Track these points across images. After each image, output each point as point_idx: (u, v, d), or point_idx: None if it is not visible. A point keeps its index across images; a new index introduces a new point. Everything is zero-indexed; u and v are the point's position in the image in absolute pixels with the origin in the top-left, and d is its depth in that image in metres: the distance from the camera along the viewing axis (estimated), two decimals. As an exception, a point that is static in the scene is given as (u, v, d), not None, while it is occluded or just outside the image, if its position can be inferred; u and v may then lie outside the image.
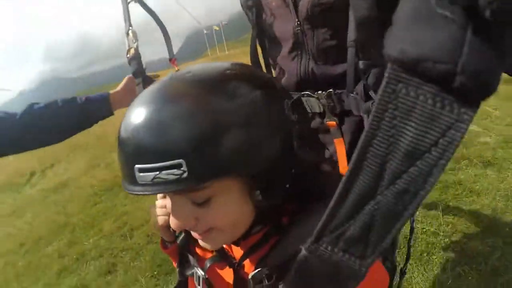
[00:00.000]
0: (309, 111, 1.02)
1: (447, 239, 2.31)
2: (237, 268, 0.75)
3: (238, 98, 0.56)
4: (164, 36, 1.44)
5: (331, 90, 0.96)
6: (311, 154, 1.00)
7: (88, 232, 4.43)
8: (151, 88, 0.59)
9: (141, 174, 0.54)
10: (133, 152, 0.55)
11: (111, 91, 1.47)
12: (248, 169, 0.57)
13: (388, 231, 0.32)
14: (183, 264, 0.89)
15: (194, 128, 0.52)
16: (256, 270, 0.66)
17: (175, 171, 0.52)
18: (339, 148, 1.02)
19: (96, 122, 1.51)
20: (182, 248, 0.89)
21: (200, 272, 0.79)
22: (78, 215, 5.03)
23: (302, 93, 1.01)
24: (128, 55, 1.33)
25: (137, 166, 0.54)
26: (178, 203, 0.62)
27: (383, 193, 0.30)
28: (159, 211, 0.88)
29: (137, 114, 0.55)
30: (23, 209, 6.58)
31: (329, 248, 0.36)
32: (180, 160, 0.51)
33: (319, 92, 0.98)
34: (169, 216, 0.70)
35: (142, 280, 3.15)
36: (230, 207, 0.62)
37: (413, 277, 2.08)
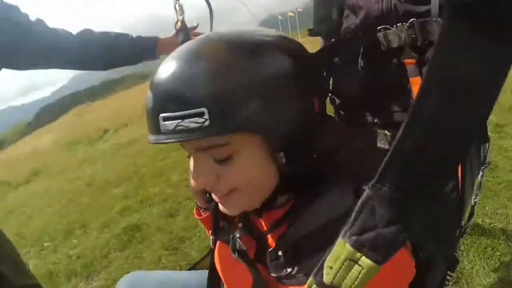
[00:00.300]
0: (384, 48, 0.92)
1: (514, 238, 2.21)
2: (261, 241, 0.75)
3: (266, 59, 0.58)
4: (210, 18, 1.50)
5: (414, 19, 0.88)
6: (340, 128, 0.94)
7: (155, 180, 4.43)
8: (185, 44, 0.62)
9: (165, 122, 0.56)
10: (159, 101, 0.57)
11: (161, 36, 1.56)
12: (268, 128, 0.58)
13: (453, 163, 0.37)
14: (217, 232, 0.88)
15: (219, 80, 0.54)
16: (272, 248, 0.67)
17: (197, 119, 0.53)
18: (416, 89, 0.87)
19: (140, 61, 1.60)
20: (216, 214, 0.86)
21: (235, 238, 0.77)
22: (147, 166, 5.10)
23: (378, 27, 0.92)
24: (176, 27, 1.41)
25: (161, 115, 0.56)
26: (200, 160, 0.63)
27: (445, 120, 0.35)
28: None
29: (167, 67, 0.58)
30: (94, 159, 6.84)
31: (392, 188, 0.37)
32: (203, 109, 0.53)
33: (399, 24, 0.90)
34: None
35: (201, 225, 2.93)
36: (252, 166, 0.62)
37: (474, 268, 2.00)
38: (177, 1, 1.32)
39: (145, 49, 1.54)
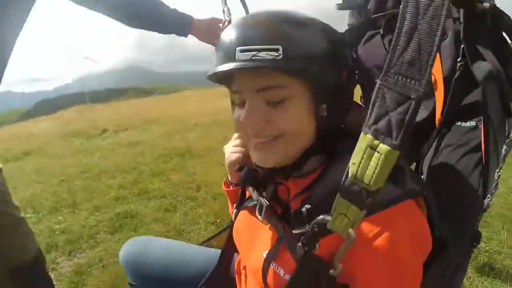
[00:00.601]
0: None
1: (508, 259, 2.42)
2: (286, 208, 0.80)
3: (315, 29, 0.72)
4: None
5: None
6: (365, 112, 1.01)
7: (154, 178, 4.27)
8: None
9: (241, 53, 0.67)
10: (237, 37, 0.69)
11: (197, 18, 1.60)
12: (319, 81, 0.71)
13: (430, 49, 0.47)
14: (242, 203, 0.97)
15: (291, 30, 0.68)
16: (295, 208, 0.72)
17: (272, 52, 0.65)
18: (438, 61, 0.98)
19: (170, 33, 1.63)
20: (245, 182, 0.91)
21: (264, 201, 0.82)
22: (147, 165, 4.84)
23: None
24: (223, 27, 1.52)
25: (238, 48, 0.67)
26: (255, 102, 0.72)
27: (420, 23, 0.47)
28: (233, 149, 1.02)
29: (243, 17, 0.74)
30: (91, 151, 6.54)
31: (396, 77, 0.50)
32: (278, 46, 0.65)
33: None
34: (240, 154, 0.99)
35: (201, 222, 2.97)
36: (301, 113, 0.72)
37: (473, 284, 2.16)
38: (226, 5, 1.48)
39: (179, 21, 1.59)
